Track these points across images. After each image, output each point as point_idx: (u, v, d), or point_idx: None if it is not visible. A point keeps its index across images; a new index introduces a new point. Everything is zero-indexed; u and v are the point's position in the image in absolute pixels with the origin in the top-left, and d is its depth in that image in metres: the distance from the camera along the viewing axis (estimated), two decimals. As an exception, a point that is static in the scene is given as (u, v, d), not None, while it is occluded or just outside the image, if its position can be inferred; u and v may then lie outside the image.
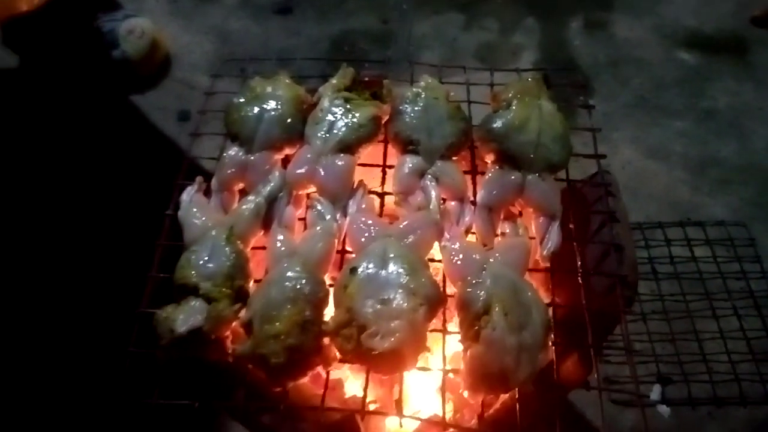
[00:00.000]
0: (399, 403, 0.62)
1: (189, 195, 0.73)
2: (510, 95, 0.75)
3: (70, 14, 1.42)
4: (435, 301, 0.61)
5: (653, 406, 1.08)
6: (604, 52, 1.64)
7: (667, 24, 1.70)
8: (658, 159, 1.43)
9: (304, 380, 0.61)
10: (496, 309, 0.59)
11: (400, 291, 0.60)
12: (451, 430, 0.65)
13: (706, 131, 1.49)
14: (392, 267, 0.62)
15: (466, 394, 0.61)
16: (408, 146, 0.73)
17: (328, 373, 0.62)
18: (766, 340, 1.16)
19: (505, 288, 0.61)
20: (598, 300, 0.68)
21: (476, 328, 0.59)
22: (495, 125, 0.73)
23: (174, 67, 1.61)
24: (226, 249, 0.65)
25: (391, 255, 0.63)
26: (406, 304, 0.59)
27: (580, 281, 0.69)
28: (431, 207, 0.69)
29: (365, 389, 0.61)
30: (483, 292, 0.60)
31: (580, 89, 0.85)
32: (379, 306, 0.59)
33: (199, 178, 0.74)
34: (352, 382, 0.78)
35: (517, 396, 0.61)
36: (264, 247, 0.69)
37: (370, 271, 0.62)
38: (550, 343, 0.62)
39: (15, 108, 1.43)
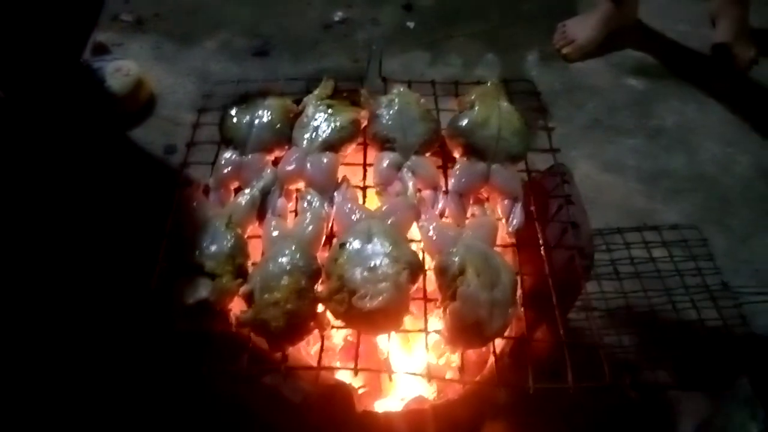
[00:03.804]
0: (387, 362, 0.69)
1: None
2: (473, 97, 0.85)
3: (60, 55, 1.50)
4: (416, 267, 0.68)
5: (623, 391, 1.16)
6: (559, 80, 1.78)
7: (615, 55, 1.86)
8: (613, 172, 1.55)
9: (301, 344, 0.68)
10: (470, 270, 0.67)
11: (385, 259, 0.67)
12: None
13: (657, 147, 1.62)
14: (376, 241, 0.69)
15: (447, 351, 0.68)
16: (385, 144, 0.83)
17: (323, 337, 0.69)
18: (723, 328, 1.25)
19: (476, 254, 0.69)
20: (560, 270, 0.77)
21: (453, 289, 0.67)
22: (461, 123, 0.83)
23: (159, 106, 1.70)
24: (226, 233, 0.72)
25: (375, 231, 0.71)
26: (390, 270, 0.67)
27: (543, 255, 0.78)
28: (408, 194, 0.78)
29: (357, 349, 0.68)
30: (457, 258, 0.69)
31: (533, 95, 0.96)
32: (366, 273, 0.67)
33: (197, 180, 0.82)
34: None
35: (492, 350, 0.69)
36: (259, 236, 0.77)
37: (356, 245, 0.69)
38: (519, 304, 0.70)
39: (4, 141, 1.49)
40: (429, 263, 0.74)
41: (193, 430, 1.01)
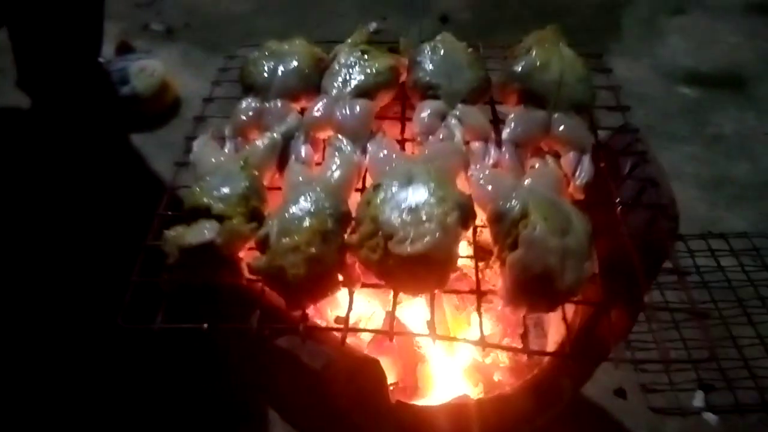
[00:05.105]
0: (432, 324, 0.55)
1: (202, 140, 0.70)
2: (529, 42, 0.74)
3: (83, 55, 1.46)
4: (467, 209, 0.56)
5: (698, 413, 0.99)
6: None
7: (664, 64, 1.75)
8: (671, 179, 1.41)
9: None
10: (534, 213, 0.54)
11: (430, 198, 0.55)
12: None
13: (716, 154, 1.48)
14: (418, 182, 0.57)
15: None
16: (428, 92, 0.71)
17: (352, 294, 0.56)
18: (809, 345, 1.09)
19: (541, 198, 0.57)
20: (640, 232, 0.63)
21: (513, 236, 0.54)
22: (516, 67, 0.71)
23: (184, 108, 1.63)
24: (241, 174, 0.61)
25: (416, 173, 0.58)
26: (437, 210, 0.54)
27: (619, 215, 0.64)
28: (455, 140, 0.66)
29: (393, 311, 0.55)
30: (518, 202, 0.56)
31: (594, 57, 0.85)
32: (406, 215, 0.54)
33: (213, 128, 0.72)
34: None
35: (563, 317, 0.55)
36: (278, 188, 0.65)
37: (395, 187, 0.57)
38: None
39: (27, 144, 1.44)
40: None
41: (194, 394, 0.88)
